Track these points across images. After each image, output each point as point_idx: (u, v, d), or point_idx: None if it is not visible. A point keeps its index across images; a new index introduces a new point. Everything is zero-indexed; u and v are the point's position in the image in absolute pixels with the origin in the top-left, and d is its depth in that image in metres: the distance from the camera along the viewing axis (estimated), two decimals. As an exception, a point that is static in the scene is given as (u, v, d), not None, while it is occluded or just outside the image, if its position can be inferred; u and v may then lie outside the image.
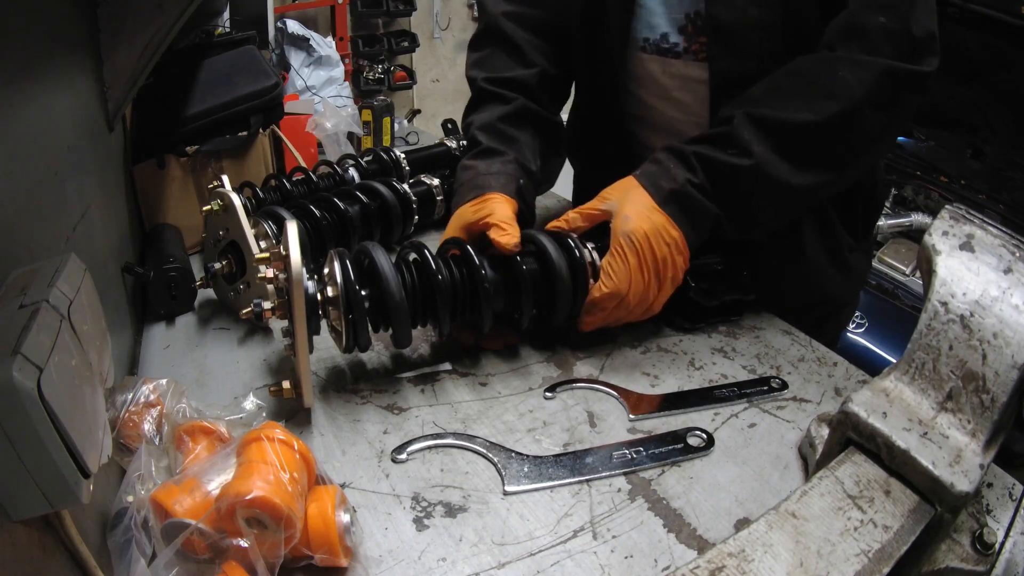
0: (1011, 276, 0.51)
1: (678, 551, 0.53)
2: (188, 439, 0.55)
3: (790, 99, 0.73)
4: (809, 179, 0.73)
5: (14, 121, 0.50)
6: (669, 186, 0.73)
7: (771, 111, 0.72)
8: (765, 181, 0.73)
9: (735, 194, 0.74)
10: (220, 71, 1.10)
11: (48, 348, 0.37)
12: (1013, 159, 2.12)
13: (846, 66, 0.71)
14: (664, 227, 0.72)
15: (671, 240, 0.72)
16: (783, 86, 0.74)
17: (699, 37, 0.81)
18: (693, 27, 0.81)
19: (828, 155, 0.74)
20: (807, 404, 0.70)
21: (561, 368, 0.75)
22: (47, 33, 0.62)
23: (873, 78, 0.70)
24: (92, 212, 0.68)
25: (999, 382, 0.48)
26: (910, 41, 0.70)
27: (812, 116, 0.71)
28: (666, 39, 0.84)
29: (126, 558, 0.47)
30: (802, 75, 0.74)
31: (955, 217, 0.55)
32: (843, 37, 0.72)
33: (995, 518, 0.52)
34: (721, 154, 0.73)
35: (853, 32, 0.72)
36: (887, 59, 0.70)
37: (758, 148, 0.72)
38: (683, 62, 0.84)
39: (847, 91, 0.70)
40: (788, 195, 0.75)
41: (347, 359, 0.77)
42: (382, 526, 0.55)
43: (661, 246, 0.72)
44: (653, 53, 0.85)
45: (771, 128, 0.72)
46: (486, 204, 0.77)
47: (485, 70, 0.94)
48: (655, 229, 0.72)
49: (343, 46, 2.86)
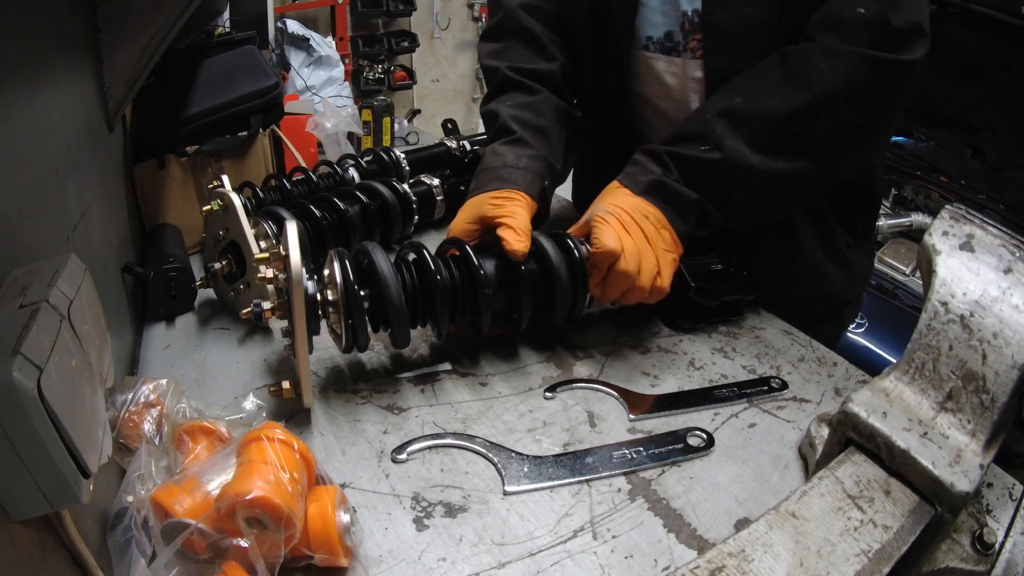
0: (1011, 276, 0.51)
1: (678, 551, 0.53)
2: (188, 439, 0.55)
3: (765, 88, 0.74)
4: (782, 166, 0.74)
5: (14, 121, 0.50)
6: (646, 179, 0.75)
7: (743, 102, 0.74)
8: (737, 171, 0.74)
9: (710, 185, 0.75)
10: (220, 71, 1.10)
11: (48, 348, 0.37)
12: (1013, 159, 2.12)
13: (821, 55, 0.71)
14: (641, 205, 0.74)
15: (649, 213, 0.73)
16: (760, 76, 0.75)
17: (695, 35, 0.82)
18: (690, 25, 0.82)
19: (799, 143, 0.74)
20: (807, 404, 0.70)
21: (561, 368, 0.75)
22: (47, 33, 0.62)
23: (848, 67, 0.70)
24: (92, 212, 0.68)
25: (999, 382, 0.48)
26: (889, 30, 0.70)
27: (783, 105, 0.72)
28: (670, 37, 0.84)
29: (126, 558, 0.47)
30: (780, 64, 0.74)
31: (955, 217, 0.55)
32: (822, 27, 0.73)
33: (995, 518, 0.52)
34: (693, 150, 0.75)
35: (831, 22, 0.72)
36: (864, 48, 0.70)
37: (729, 142, 0.73)
38: (683, 60, 0.84)
39: (821, 80, 0.71)
40: (763, 183, 0.76)
41: (347, 359, 0.77)
42: (382, 526, 0.55)
43: (640, 218, 0.73)
44: (656, 51, 0.86)
45: (741, 120, 0.74)
46: (507, 203, 0.76)
47: (506, 60, 0.92)
48: (633, 205, 0.74)
49: (343, 46, 2.86)
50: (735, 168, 0.73)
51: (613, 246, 0.70)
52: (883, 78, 0.72)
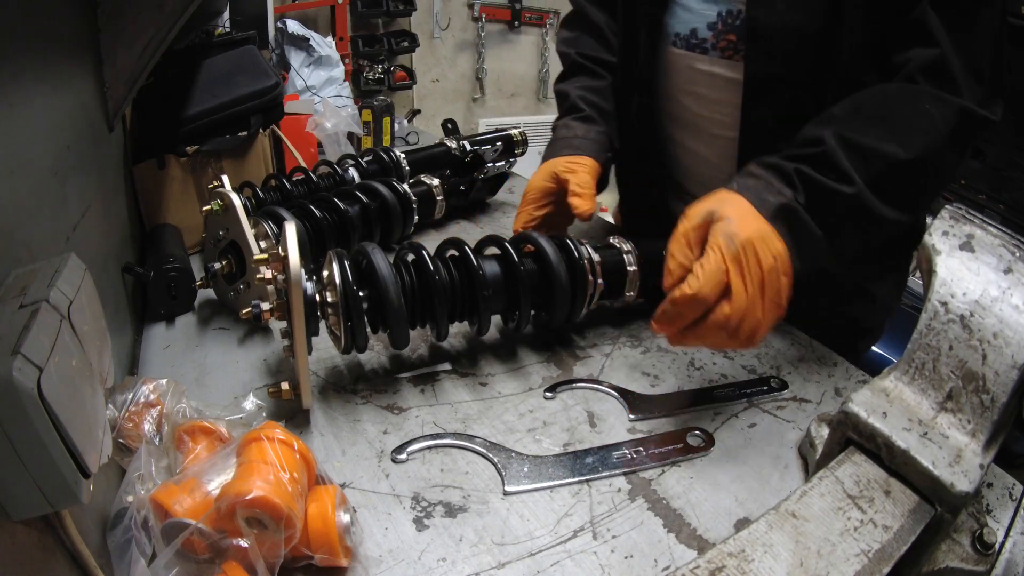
0: (1011, 276, 0.51)
1: (678, 551, 0.53)
2: (188, 439, 0.55)
3: (874, 126, 0.68)
4: (893, 215, 0.68)
5: (14, 121, 0.50)
6: (776, 200, 0.64)
7: (860, 137, 0.67)
8: (861, 212, 0.66)
9: (830, 221, 0.66)
10: (220, 71, 1.10)
11: (48, 348, 0.37)
12: (1013, 159, 2.11)
13: (930, 100, 0.68)
14: (770, 237, 0.62)
15: (777, 253, 0.61)
16: (865, 110, 0.69)
17: (728, 35, 0.81)
18: (723, 25, 0.81)
19: (913, 192, 0.70)
20: (807, 404, 0.70)
21: (561, 368, 0.75)
22: (47, 33, 0.62)
23: (955, 116, 0.67)
24: (92, 212, 0.68)
25: (999, 382, 0.48)
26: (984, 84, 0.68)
27: (902, 151, 0.66)
28: (695, 35, 0.84)
29: (126, 558, 0.47)
30: (886, 102, 0.70)
31: (955, 217, 0.55)
32: (926, 72, 0.69)
33: (995, 518, 0.52)
34: (823, 177, 0.66)
35: (936, 68, 0.68)
36: (965, 101, 0.67)
37: (858, 176, 0.65)
38: (710, 58, 0.83)
39: (932, 126, 0.67)
40: (876, 229, 0.69)
41: (346, 359, 0.77)
42: (382, 526, 0.55)
43: (767, 256, 0.61)
44: (683, 48, 0.86)
45: (866, 157, 0.66)
46: (578, 167, 0.87)
47: (576, 48, 1.01)
48: (760, 236, 0.61)
49: (343, 46, 2.85)
50: (861, 207, 0.66)
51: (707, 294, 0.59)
52: (974, 132, 0.70)
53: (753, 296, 0.60)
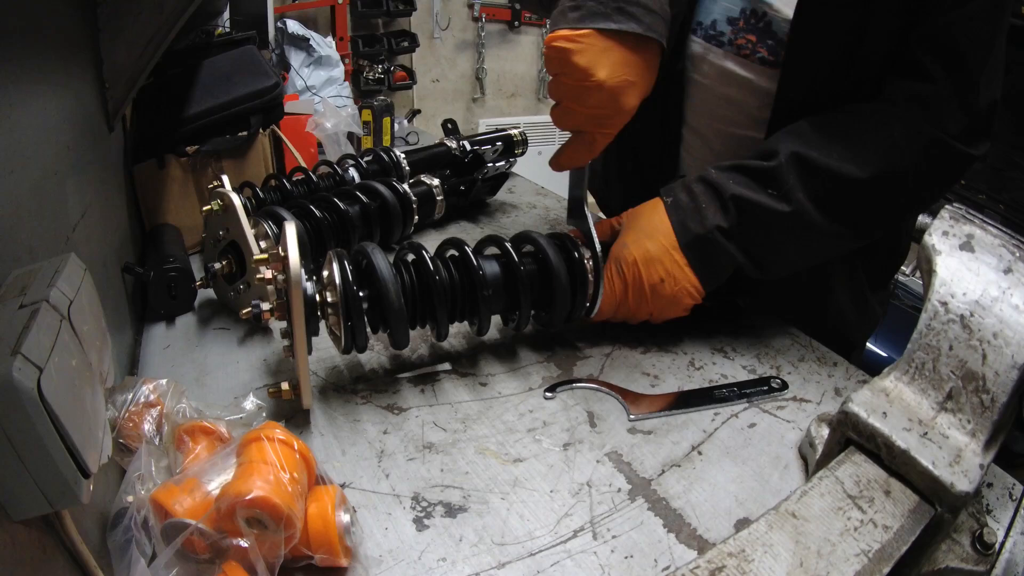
0: (1011, 276, 0.51)
1: (678, 551, 0.53)
2: (188, 439, 0.55)
3: (837, 142, 0.71)
4: (837, 231, 0.72)
5: (14, 121, 0.50)
6: (696, 230, 0.72)
7: (818, 154, 0.70)
8: (798, 230, 0.71)
9: (764, 238, 0.73)
10: (220, 71, 1.10)
11: (48, 348, 0.37)
12: (1013, 159, 2.12)
13: (901, 127, 0.69)
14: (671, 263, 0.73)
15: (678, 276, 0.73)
16: (832, 127, 0.72)
17: (748, 35, 0.80)
18: (745, 23, 0.81)
19: (867, 212, 0.73)
20: (807, 404, 0.70)
21: (561, 368, 0.75)
22: (47, 33, 0.62)
23: (923, 146, 0.68)
24: (92, 212, 0.68)
25: (999, 382, 0.48)
26: (969, 117, 0.69)
27: (858, 171, 0.69)
28: (714, 26, 0.84)
29: (126, 558, 0.47)
30: (855, 122, 0.72)
31: (955, 217, 0.55)
32: (906, 96, 0.70)
33: (995, 518, 0.52)
34: (761, 195, 0.71)
35: (917, 94, 0.70)
36: (942, 133, 0.68)
37: (799, 195, 0.70)
38: (723, 52, 0.83)
39: (896, 152, 0.69)
40: (816, 246, 0.74)
41: (346, 360, 0.77)
42: (382, 526, 0.55)
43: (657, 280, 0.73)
44: (701, 38, 0.86)
45: (815, 174, 0.70)
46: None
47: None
48: (660, 254, 0.73)
49: (343, 46, 2.85)
50: (798, 225, 0.71)
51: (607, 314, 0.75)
52: (950, 166, 0.71)
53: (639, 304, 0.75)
